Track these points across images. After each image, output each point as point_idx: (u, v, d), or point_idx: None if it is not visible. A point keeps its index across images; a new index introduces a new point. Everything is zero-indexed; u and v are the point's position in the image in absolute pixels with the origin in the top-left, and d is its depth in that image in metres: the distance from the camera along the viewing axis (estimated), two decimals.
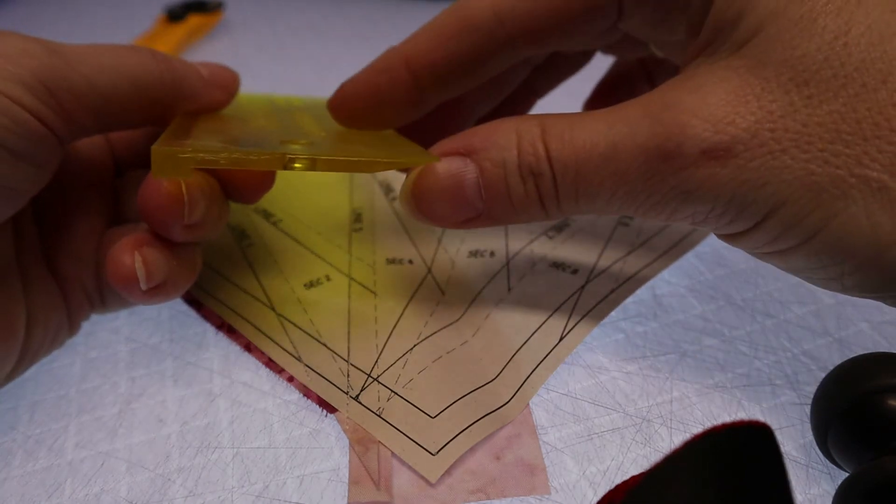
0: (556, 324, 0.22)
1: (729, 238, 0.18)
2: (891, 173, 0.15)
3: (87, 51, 0.18)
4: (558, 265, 0.25)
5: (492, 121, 0.19)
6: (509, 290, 0.24)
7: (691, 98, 0.16)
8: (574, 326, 0.22)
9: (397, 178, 0.30)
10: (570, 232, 0.26)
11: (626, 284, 0.24)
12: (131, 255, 0.18)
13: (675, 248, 0.26)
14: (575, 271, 0.24)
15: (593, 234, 0.26)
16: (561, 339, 0.22)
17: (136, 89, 0.19)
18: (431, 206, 0.19)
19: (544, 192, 0.18)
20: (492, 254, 0.26)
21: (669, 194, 0.17)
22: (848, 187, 0.15)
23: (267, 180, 0.21)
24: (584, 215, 0.25)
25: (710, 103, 0.16)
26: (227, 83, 0.22)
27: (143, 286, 0.18)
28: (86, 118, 0.18)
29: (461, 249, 0.26)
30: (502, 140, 0.18)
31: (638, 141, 0.16)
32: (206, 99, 0.21)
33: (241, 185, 0.20)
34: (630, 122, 0.17)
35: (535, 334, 0.22)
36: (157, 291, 0.19)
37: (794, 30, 0.15)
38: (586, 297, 0.23)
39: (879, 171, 0.15)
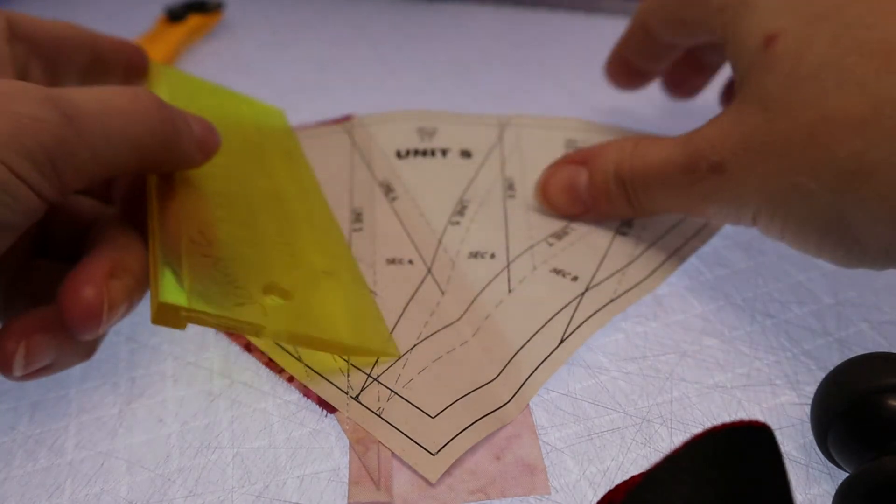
0: (557, 327, 0.23)
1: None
2: (814, 179, 0.19)
3: (97, 113, 0.17)
4: (558, 272, 0.25)
5: (605, 142, 0.26)
6: (510, 291, 0.24)
7: (708, 128, 0.22)
8: (574, 331, 0.22)
9: (397, 179, 0.30)
10: (569, 240, 0.26)
11: (626, 295, 0.24)
12: (15, 343, 0.17)
13: (675, 256, 0.26)
14: (575, 278, 0.24)
15: (592, 245, 0.26)
16: (561, 341, 0.22)
17: (136, 157, 0.18)
18: (553, 198, 0.27)
19: (630, 194, 0.25)
20: (492, 256, 0.26)
21: (696, 197, 0.22)
22: (791, 192, 0.20)
23: None
24: (647, 215, 0.26)
25: (715, 129, 0.22)
26: (210, 149, 0.22)
27: (19, 372, 0.17)
28: (80, 185, 0.17)
29: (461, 251, 0.26)
30: (608, 156, 0.25)
31: (678, 160, 0.22)
32: (191, 163, 0.21)
33: None
34: (679, 146, 0.23)
35: (536, 336, 0.22)
36: (38, 374, 0.18)
37: (762, 72, 0.21)
38: (586, 304, 0.23)
39: (807, 177, 0.19)
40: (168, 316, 0.17)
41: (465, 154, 0.31)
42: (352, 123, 0.33)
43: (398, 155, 0.31)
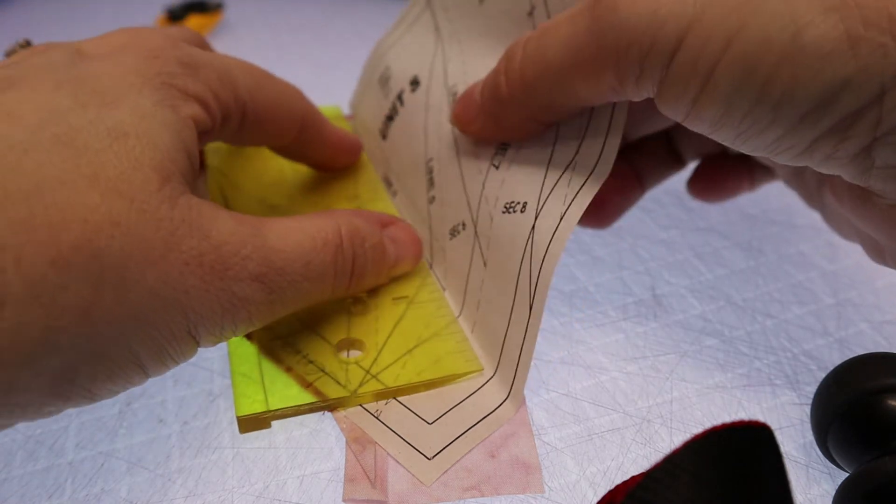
0: (523, 296, 0.20)
1: (665, 106, 0.17)
2: None
3: (296, 281, 0.18)
4: (508, 206, 0.21)
5: None
6: (485, 265, 0.22)
7: None
8: (536, 286, 0.20)
9: (397, 176, 0.30)
10: (512, 154, 0.22)
11: (577, 200, 0.19)
12: None
13: (613, 124, 0.20)
14: (524, 207, 0.21)
15: (538, 142, 0.22)
16: (530, 309, 0.20)
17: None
18: (455, 108, 0.23)
19: (510, 63, 0.20)
20: (463, 225, 0.24)
21: (604, 35, 0.16)
22: None
23: None
24: (539, 101, 0.20)
25: None
26: (403, 269, 0.24)
27: None
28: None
29: (444, 233, 0.25)
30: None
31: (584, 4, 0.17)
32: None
33: None
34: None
35: (512, 314, 0.21)
36: None
37: None
38: (539, 241, 0.20)
39: None
40: (253, 423, 0.19)
41: (415, 83, 0.28)
42: (355, 122, 0.33)
43: (383, 136, 0.30)
